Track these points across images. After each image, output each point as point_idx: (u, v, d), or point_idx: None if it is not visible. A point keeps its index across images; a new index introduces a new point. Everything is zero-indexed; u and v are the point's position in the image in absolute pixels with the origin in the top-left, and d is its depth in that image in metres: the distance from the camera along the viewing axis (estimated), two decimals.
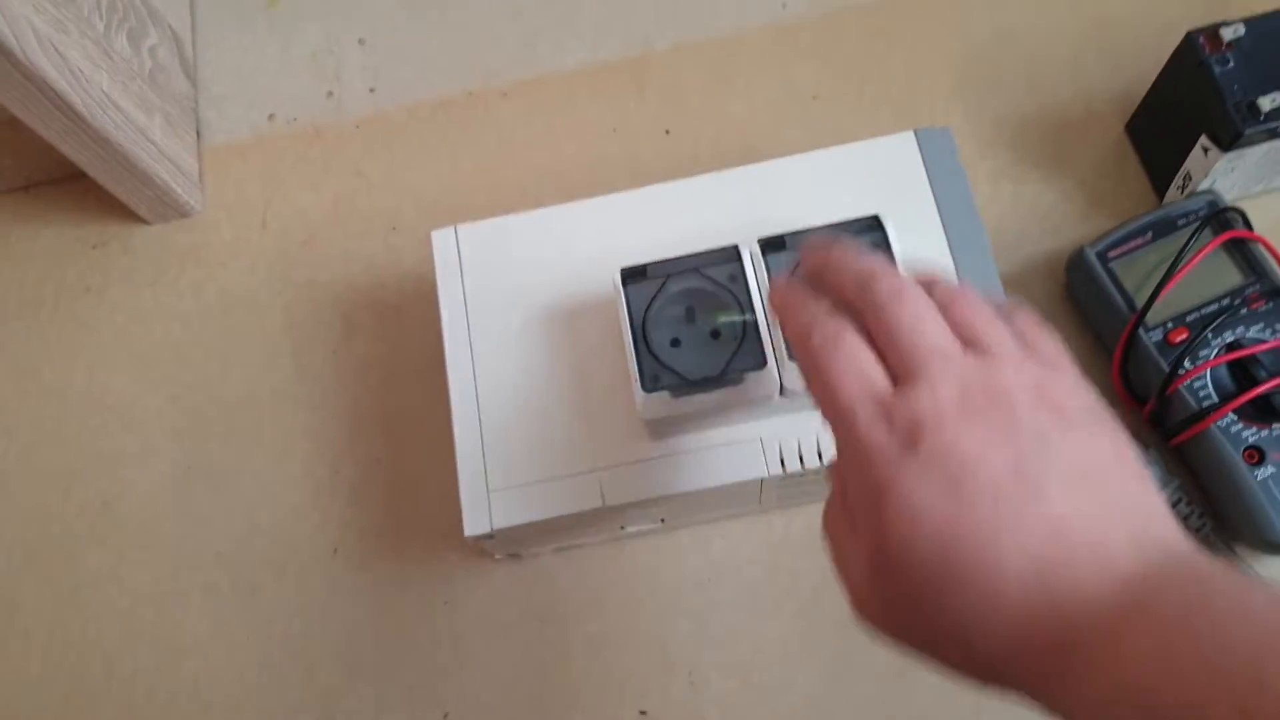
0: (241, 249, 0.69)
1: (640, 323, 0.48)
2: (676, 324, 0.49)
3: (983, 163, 0.65)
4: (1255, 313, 0.55)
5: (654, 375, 0.47)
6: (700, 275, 0.49)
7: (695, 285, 0.49)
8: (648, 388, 0.47)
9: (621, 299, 0.49)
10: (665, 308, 0.49)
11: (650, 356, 0.48)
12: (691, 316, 0.49)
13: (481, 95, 0.71)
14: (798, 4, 0.70)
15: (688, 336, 0.48)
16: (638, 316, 0.48)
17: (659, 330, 0.48)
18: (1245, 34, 0.54)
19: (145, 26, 0.68)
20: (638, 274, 0.49)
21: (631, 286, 0.49)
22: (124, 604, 0.62)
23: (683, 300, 0.49)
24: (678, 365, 0.48)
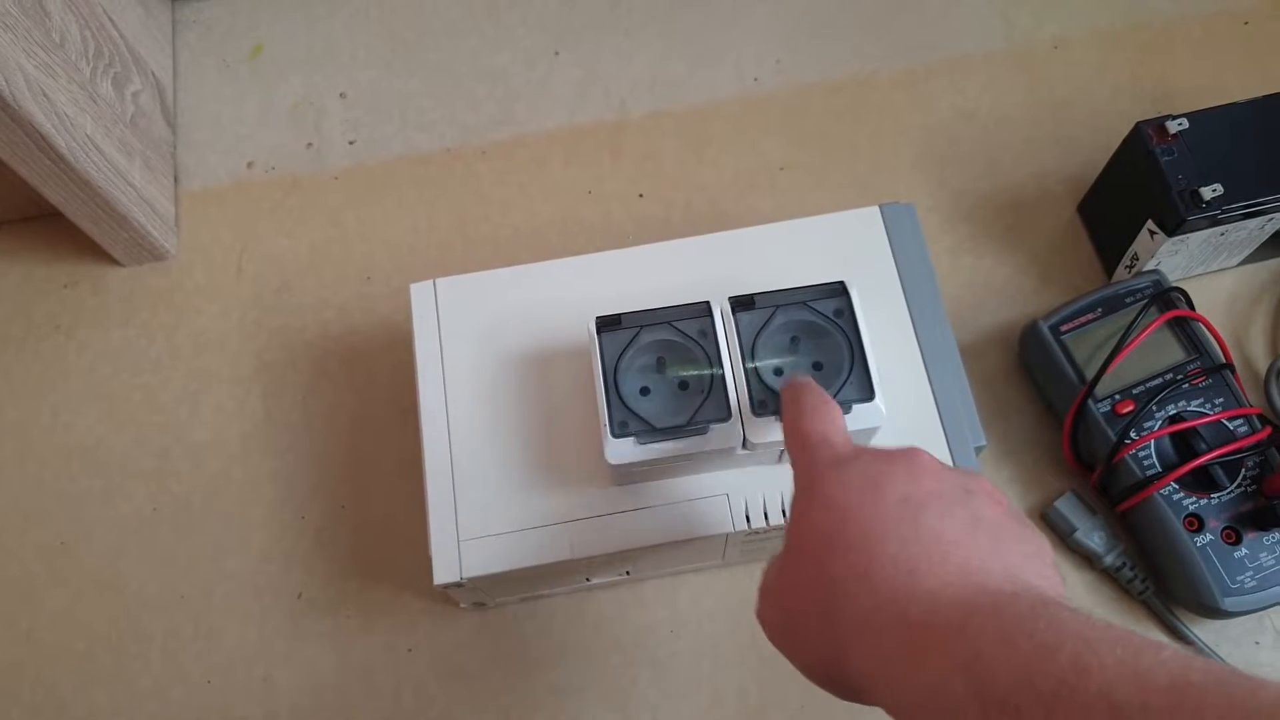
0: (215, 293, 0.69)
1: (612, 370, 0.50)
2: (647, 374, 0.50)
3: (942, 237, 0.68)
4: (1196, 388, 0.58)
5: (623, 421, 0.49)
6: (672, 328, 0.50)
7: (667, 337, 0.50)
8: (616, 433, 0.49)
9: (595, 346, 0.50)
10: (637, 357, 0.50)
11: (620, 404, 0.49)
12: (661, 367, 0.50)
13: (460, 153, 0.72)
14: (768, 78, 0.73)
15: (657, 386, 0.50)
16: (610, 364, 0.50)
17: (630, 379, 0.50)
18: (1189, 127, 0.58)
19: (129, 72, 0.69)
20: (612, 323, 0.51)
21: (605, 335, 0.50)
22: (81, 647, 0.62)
23: (654, 351, 0.51)
24: (646, 413, 0.49)
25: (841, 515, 0.36)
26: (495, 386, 0.55)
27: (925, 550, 0.34)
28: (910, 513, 0.35)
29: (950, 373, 0.54)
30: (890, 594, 0.33)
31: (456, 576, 0.52)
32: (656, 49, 0.75)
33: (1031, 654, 0.28)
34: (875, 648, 0.33)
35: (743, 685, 0.59)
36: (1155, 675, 0.26)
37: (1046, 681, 0.27)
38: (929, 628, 0.31)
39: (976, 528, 0.35)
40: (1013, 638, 0.29)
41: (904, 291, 0.56)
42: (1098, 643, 0.27)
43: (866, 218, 0.58)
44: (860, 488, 0.36)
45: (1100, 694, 0.26)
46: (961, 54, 0.73)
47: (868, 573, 0.34)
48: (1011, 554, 0.35)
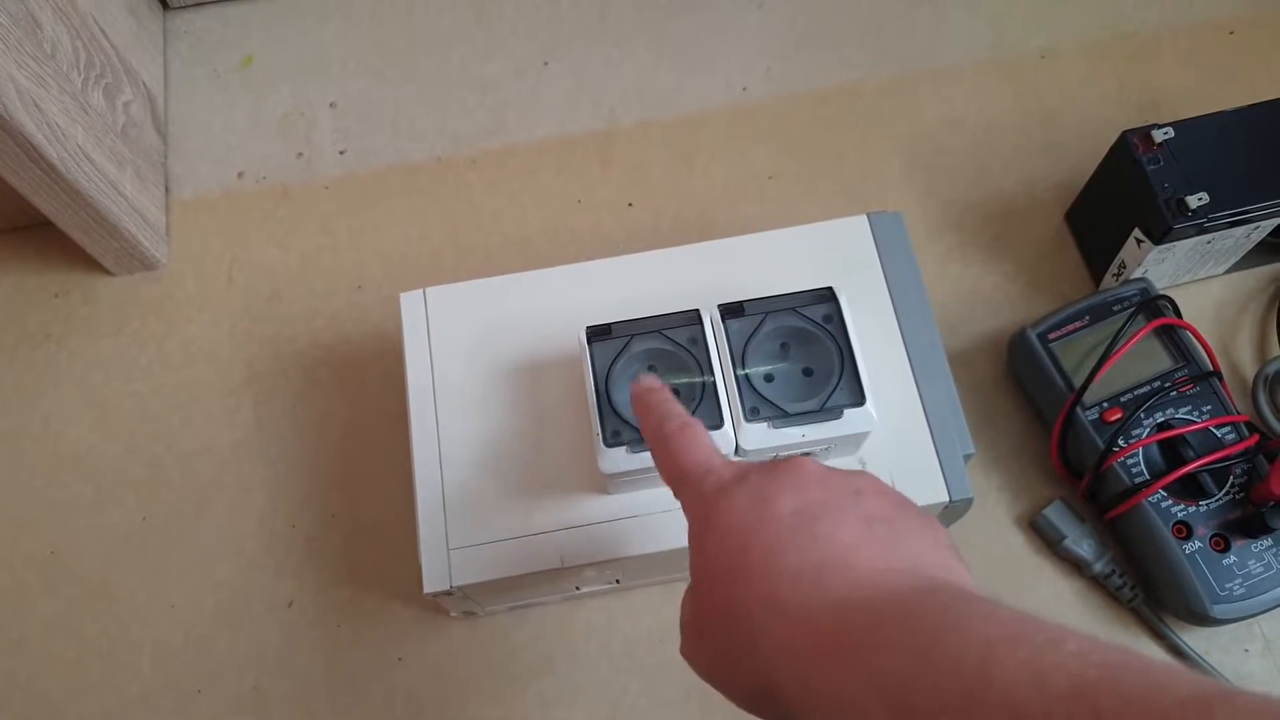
0: (205, 303, 0.69)
1: (604, 380, 0.50)
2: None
3: (931, 245, 0.68)
4: (1184, 395, 0.58)
5: (615, 431, 0.49)
6: (662, 336, 0.51)
7: (657, 346, 0.51)
8: (609, 442, 0.49)
9: (586, 356, 0.50)
10: (628, 366, 0.51)
11: (612, 412, 0.49)
12: (655, 375, 0.50)
13: (450, 162, 0.73)
14: (757, 88, 0.74)
15: None
16: (601, 373, 0.50)
17: (621, 388, 0.50)
18: (1175, 136, 0.58)
19: (120, 83, 0.69)
20: (602, 332, 0.51)
21: (596, 344, 0.51)
22: (71, 655, 0.62)
23: (645, 360, 0.51)
24: (637, 422, 0.49)
25: (739, 540, 0.35)
26: (485, 395, 0.55)
27: (827, 559, 0.34)
28: (805, 523, 0.35)
29: (939, 381, 0.54)
30: (800, 611, 0.33)
31: (446, 585, 0.52)
32: (646, 58, 0.75)
33: (940, 664, 0.28)
34: (795, 669, 0.33)
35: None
36: (1054, 677, 0.26)
37: (954, 696, 0.27)
38: (839, 643, 0.31)
39: (872, 526, 0.35)
40: (921, 646, 0.29)
41: (892, 299, 0.56)
42: (1000, 645, 0.27)
43: (855, 226, 0.58)
44: (751, 508, 0.36)
45: (1003, 703, 0.26)
46: (949, 63, 0.74)
47: (775, 593, 0.33)
48: (913, 546, 0.35)
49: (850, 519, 0.35)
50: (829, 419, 0.49)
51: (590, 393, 0.50)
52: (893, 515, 0.36)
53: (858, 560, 0.33)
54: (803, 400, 0.49)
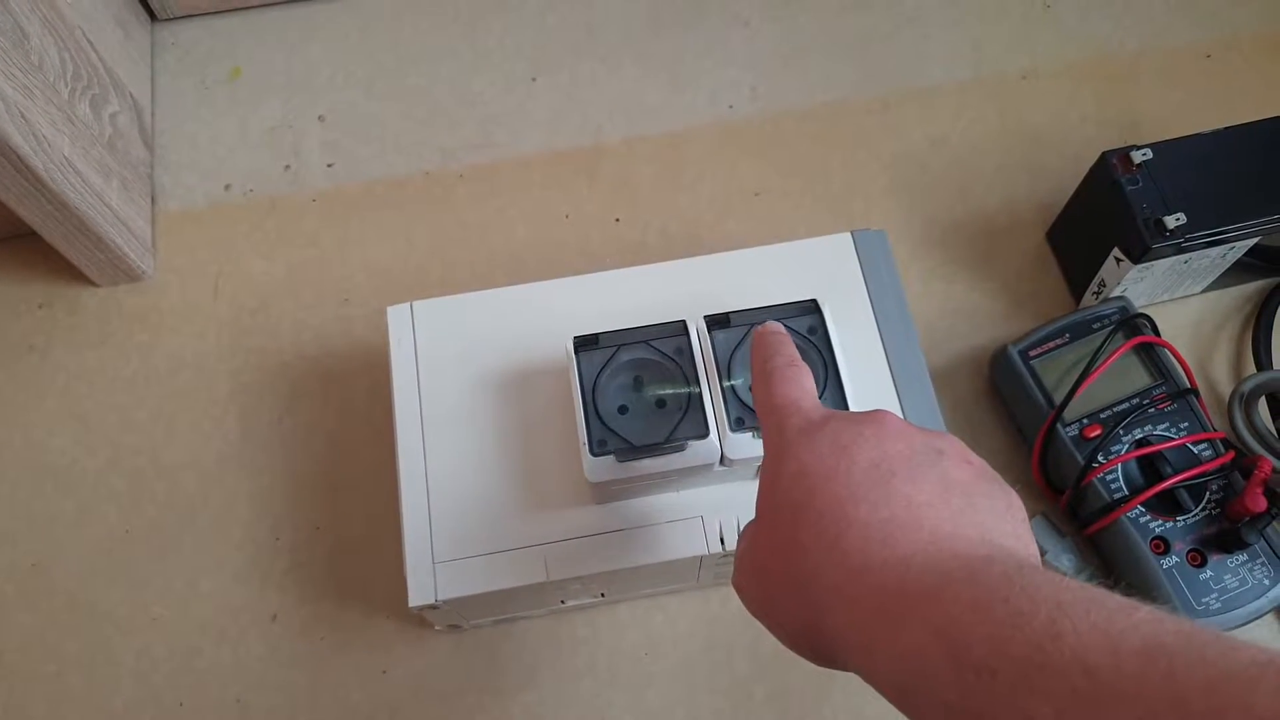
0: (191, 314, 0.69)
1: (591, 389, 0.50)
2: (625, 392, 0.51)
3: (914, 262, 0.69)
4: (1162, 412, 0.59)
5: (601, 440, 0.49)
6: (649, 347, 0.51)
7: (644, 356, 0.51)
8: (595, 451, 0.49)
9: (573, 366, 0.51)
10: (614, 376, 0.51)
11: (599, 422, 0.50)
12: (639, 386, 0.51)
13: (438, 176, 0.73)
14: (743, 106, 0.74)
15: (635, 405, 0.50)
16: (588, 383, 0.50)
17: (608, 397, 0.50)
18: (1153, 157, 0.59)
19: (107, 94, 0.69)
20: (590, 343, 0.51)
21: (583, 354, 0.51)
22: (52, 669, 0.61)
23: (631, 370, 0.51)
24: (624, 431, 0.50)
25: (812, 483, 0.35)
26: (471, 409, 0.55)
27: (897, 515, 0.34)
28: (881, 477, 0.35)
29: (921, 396, 0.55)
30: (864, 561, 0.33)
31: (431, 598, 0.52)
32: (633, 75, 0.76)
33: (1006, 620, 0.28)
34: (850, 614, 0.33)
35: (717, 708, 0.59)
36: (1128, 638, 0.26)
37: (1021, 647, 0.27)
38: (904, 594, 0.31)
39: (948, 490, 0.35)
40: (988, 604, 0.29)
41: (875, 316, 0.57)
42: (1071, 606, 0.27)
43: (839, 244, 0.58)
44: (830, 454, 0.36)
45: (1074, 657, 0.26)
46: (933, 83, 0.75)
47: (840, 540, 0.34)
48: (984, 515, 0.34)
49: (927, 479, 0.35)
50: None
51: (577, 402, 0.50)
52: (969, 481, 0.36)
53: (927, 521, 0.33)
54: None
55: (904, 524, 0.33)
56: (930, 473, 0.35)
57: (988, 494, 0.36)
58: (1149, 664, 0.25)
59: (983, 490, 0.36)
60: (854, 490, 0.34)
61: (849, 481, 0.35)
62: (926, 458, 0.36)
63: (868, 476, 0.35)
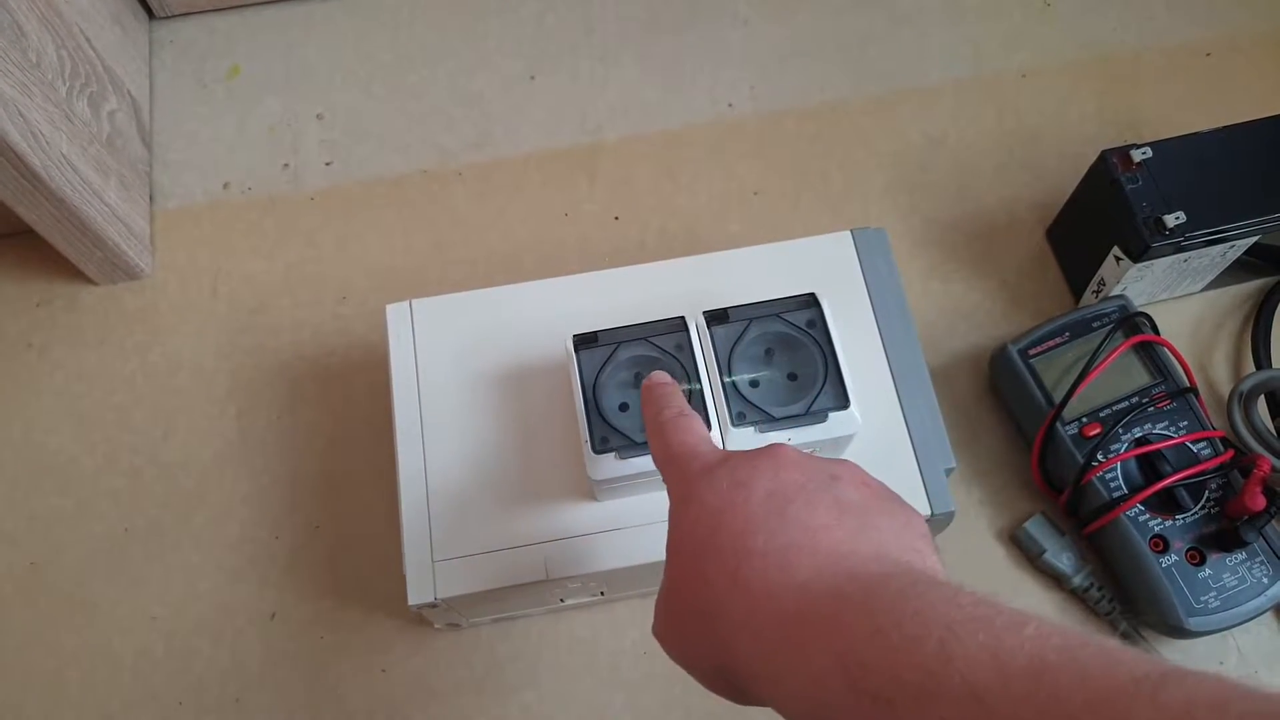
0: (190, 313, 0.69)
1: (591, 387, 0.50)
2: (625, 389, 0.51)
3: (914, 261, 0.69)
4: (1161, 411, 0.59)
5: (604, 437, 0.49)
6: (649, 344, 0.51)
7: (644, 353, 0.51)
8: (597, 449, 0.49)
9: (573, 364, 0.51)
10: (615, 374, 0.51)
11: (601, 419, 0.50)
12: (639, 382, 0.50)
13: (437, 175, 0.73)
14: (742, 104, 0.74)
15: (635, 401, 0.50)
16: (589, 381, 0.50)
17: (609, 395, 0.51)
18: (1153, 156, 0.59)
19: (105, 92, 0.69)
20: (589, 340, 0.51)
21: (583, 352, 0.51)
22: (50, 668, 0.61)
23: (631, 367, 0.51)
24: (626, 428, 0.50)
25: (712, 520, 0.36)
26: (470, 407, 0.55)
27: (795, 541, 0.34)
28: (777, 506, 0.35)
29: (921, 395, 0.55)
30: (765, 590, 0.33)
31: (431, 597, 0.52)
32: (631, 75, 0.76)
33: (900, 645, 0.28)
34: (756, 645, 0.33)
35: (713, 709, 0.59)
36: (1015, 658, 0.26)
37: (914, 673, 0.28)
38: (803, 622, 0.32)
39: (844, 512, 0.35)
40: (883, 628, 0.29)
41: (875, 314, 0.57)
42: (961, 627, 0.28)
43: (838, 242, 0.59)
44: (728, 490, 0.36)
45: (964, 683, 0.26)
46: (931, 82, 0.75)
47: (740, 571, 0.34)
48: (882, 533, 0.35)
49: (822, 503, 0.35)
50: (814, 422, 0.49)
51: (578, 399, 0.50)
52: (866, 502, 0.36)
53: (824, 544, 0.34)
54: (788, 405, 0.50)
55: (801, 548, 0.34)
56: (825, 497, 0.36)
57: (885, 512, 0.36)
58: (1035, 685, 0.25)
59: (879, 509, 0.36)
60: (751, 521, 0.35)
61: (747, 513, 0.35)
62: (821, 483, 0.36)
63: (764, 507, 0.35)
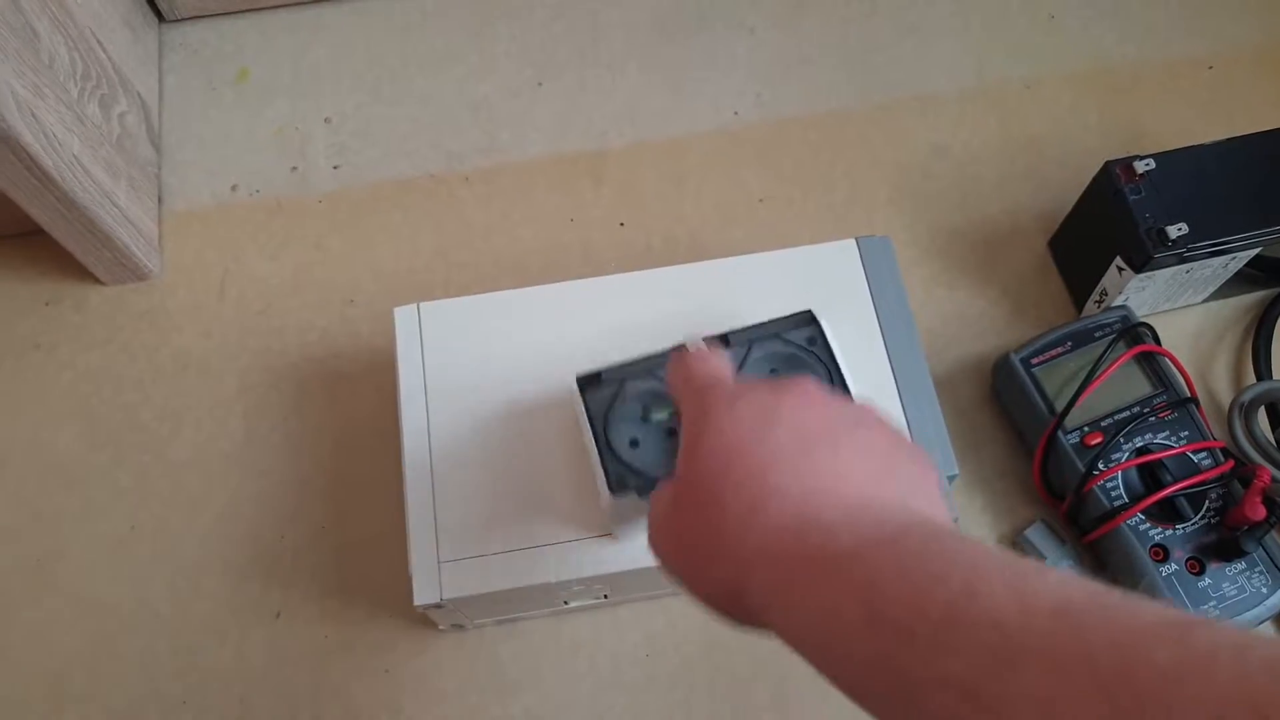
0: (197, 314, 0.70)
1: (602, 427, 0.50)
2: (635, 424, 0.50)
3: (917, 269, 0.69)
4: (1163, 421, 0.59)
5: (619, 478, 0.49)
6: (653, 376, 0.50)
7: (650, 387, 0.50)
8: (615, 490, 0.48)
9: (580, 406, 0.50)
10: (623, 411, 0.50)
11: (615, 459, 0.49)
12: (647, 415, 0.50)
13: (444, 179, 0.73)
14: (748, 112, 0.75)
15: (646, 436, 0.50)
16: (599, 421, 0.50)
17: (619, 433, 0.50)
18: (1156, 167, 0.60)
19: (116, 94, 0.69)
20: (593, 381, 0.51)
21: (589, 393, 0.50)
22: (55, 666, 0.61)
23: (639, 401, 0.50)
24: (640, 465, 0.49)
25: (736, 450, 0.36)
26: (477, 410, 0.56)
27: (820, 483, 0.35)
28: (802, 447, 0.36)
29: (924, 402, 0.55)
30: (786, 526, 0.34)
31: (436, 598, 0.52)
32: (637, 81, 0.76)
33: (924, 582, 0.29)
34: (772, 574, 0.34)
35: (716, 711, 0.59)
36: (1040, 598, 0.27)
37: (937, 607, 0.28)
38: (826, 556, 0.32)
39: (868, 457, 0.36)
40: (907, 567, 0.30)
41: (879, 322, 0.57)
42: (986, 569, 0.29)
43: (843, 250, 0.59)
44: (752, 424, 0.37)
45: (987, 616, 0.27)
46: (935, 91, 0.75)
47: (763, 505, 0.35)
48: (902, 481, 0.36)
49: (846, 448, 0.36)
50: None
51: (589, 442, 0.49)
52: (888, 450, 0.37)
53: (846, 488, 0.35)
54: None
55: (825, 490, 0.35)
56: (850, 441, 0.36)
57: (906, 461, 0.37)
58: (1058, 621, 0.26)
59: (901, 458, 0.37)
60: (777, 459, 0.35)
61: (772, 450, 0.36)
62: (845, 427, 0.37)
63: (789, 446, 0.36)
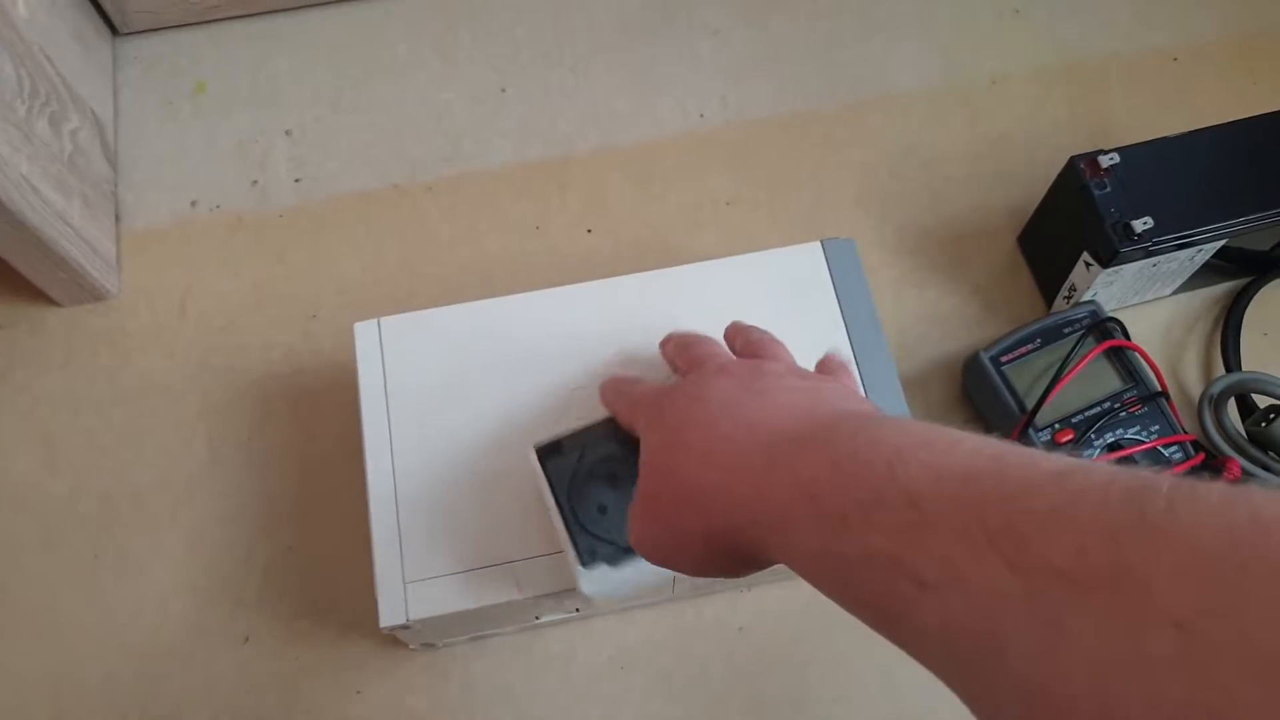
0: (158, 334, 0.68)
1: (567, 498, 0.48)
2: (601, 492, 0.48)
3: (886, 269, 0.69)
4: (1133, 415, 0.59)
5: (590, 550, 0.47)
6: (615, 441, 0.49)
7: (613, 451, 0.49)
8: (586, 563, 0.47)
9: (542, 478, 0.49)
10: (588, 479, 0.49)
11: (582, 531, 0.47)
12: (615, 482, 0.49)
13: (407, 190, 0.72)
14: (714, 115, 0.74)
15: (613, 503, 0.48)
16: (562, 493, 0.48)
17: (586, 502, 0.48)
18: (1121, 161, 0.59)
19: (67, 110, 0.68)
20: (554, 450, 0.49)
21: (550, 463, 0.49)
22: (18, 694, 0.60)
23: (604, 468, 0.49)
24: (610, 534, 0.47)
25: (679, 425, 0.41)
26: (442, 426, 0.55)
27: (756, 419, 0.39)
28: (734, 401, 0.40)
29: (892, 404, 0.55)
30: (735, 453, 0.38)
31: (403, 619, 0.51)
32: (602, 86, 0.75)
33: (854, 471, 0.32)
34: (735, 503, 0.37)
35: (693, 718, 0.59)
36: (951, 471, 0.30)
37: (865, 492, 0.31)
38: (770, 466, 0.36)
39: (794, 394, 0.40)
40: (838, 457, 0.33)
41: (846, 325, 0.57)
42: (907, 450, 0.31)
43: (808, 253, 0.58)
44: (687, 402, 0.42)
45: (904, 494, 0.30)
46: (902, 90, 0.75)
47: (712, 452, 0.39)
48: (830, 396, 0.40)
49: (771, 393, 0.40)
50: None
51: (553, 514, 0.48)
52: (812, 381, 0.42)
53: (783, 414, 0.39)
54: None
55: (762, 422, 0.38)
56: (777, 389, 0.41)
57: (829, 386, 0.41)
58: (963, 488, 0.29)
59: (824, 385, 0.42)
60: (714, 416, 0.40)
61: (708, 411, 0.40)
62: (769, 381, 0.41)
63: (722, 404, 0.40)
